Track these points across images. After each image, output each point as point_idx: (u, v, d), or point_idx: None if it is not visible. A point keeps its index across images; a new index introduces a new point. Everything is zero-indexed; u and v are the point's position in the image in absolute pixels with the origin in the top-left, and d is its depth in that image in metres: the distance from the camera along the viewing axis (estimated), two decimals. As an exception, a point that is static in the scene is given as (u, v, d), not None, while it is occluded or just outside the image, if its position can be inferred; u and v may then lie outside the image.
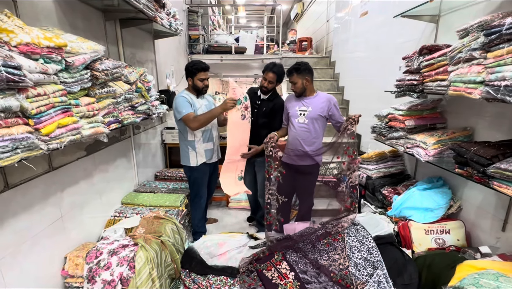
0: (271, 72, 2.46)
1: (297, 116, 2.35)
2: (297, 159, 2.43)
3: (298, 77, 2.27)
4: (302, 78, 2.27)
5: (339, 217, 2.57)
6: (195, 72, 2.38)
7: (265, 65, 2.54)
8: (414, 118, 2.13)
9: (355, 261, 1.96)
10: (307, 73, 2.28)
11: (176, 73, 4.33)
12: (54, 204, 1.77)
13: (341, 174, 3.51)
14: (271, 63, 2.51)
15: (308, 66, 2.30)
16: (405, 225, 2.08)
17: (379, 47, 3.36)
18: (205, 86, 2.44)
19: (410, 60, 2.08)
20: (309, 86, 2.32)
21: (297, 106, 2.36)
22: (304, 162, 2.42)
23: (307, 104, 2.33)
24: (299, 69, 2.26)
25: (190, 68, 2.40)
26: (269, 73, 2.47)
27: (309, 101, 2.33)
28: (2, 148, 1.07)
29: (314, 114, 2.30)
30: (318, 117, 2.31)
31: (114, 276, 1.74)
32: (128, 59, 2.67)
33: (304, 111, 2.33)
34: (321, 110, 2.29)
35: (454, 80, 1.57)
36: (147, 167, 3.24)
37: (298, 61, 2.34)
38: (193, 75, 2.40)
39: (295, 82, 2.29)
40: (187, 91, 2.48)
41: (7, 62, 1.05)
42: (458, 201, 2.06)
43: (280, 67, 2.50)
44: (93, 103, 1.64)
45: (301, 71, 2.26)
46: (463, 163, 1.65)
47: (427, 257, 1.83)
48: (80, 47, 1.51)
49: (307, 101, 2.34)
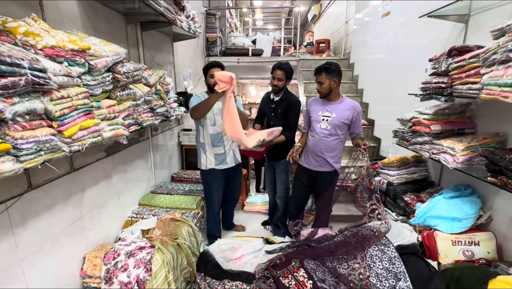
0: (278, 69, 2.50)
1: (320, 121, 2.29)
2: (316, 164, 2.38)
3: (326, 77, 2.19)
4: (330, 79, 2.19)
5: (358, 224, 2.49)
6: (206, 70, 2.42)
7: (273, 66, 2.58)
8: (440, 123, 2.03)
9: (376, 271, 1.88)
10: (336, 75, 2.21)
11: (194, 75, 4.36)
12: (74, 204, 1.80)
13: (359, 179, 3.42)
14: (278, 62, 2.54)
15: (339, 68, 2.22)
16: (430, 235, 1.97)
17: (401, 49, 3.25)
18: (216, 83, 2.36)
19: (437, 62, 1.99)
20: (336, 89, 2.25)
21: (320, 111, 2.30)
22: (322, 168, 2.37)
23: (331, 110, 2.26)
24: (329, 68, 2.17)
25: (203, 68, 2.48)
26: (277, 70, 2.51)
27: (334, 107, 2.26)
28: (26, 150, 1.08)
29: (337, 121, 2.24)
30: (342, 125, 2.24)
31: (131, 278, 1.75)
32: (148, 61, 2.71)
33: (327, 117, 2.27)
34: (345, 117, 2.23)
35: (487, 83, 1.48)
36: (164, 168, 3.27)
37: (329, 61, 2.26)
38: (205, 73, 2.44)
39: (322, 82, 2.21)
40: (204, 92, 2.52)
41: (33, 65, 1.07)
42: (488, 211, 1.94)
43: (287, 64, 2.52)
44: (114, 106, 1.65)
45: (330, 71, 2.18)
46: (496, 171, 1.54)
47: (456, 270, 1.73)
48: (102, 50, 1.53)
49: (331, 107, 2.27)
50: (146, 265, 1.80)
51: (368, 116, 4.24)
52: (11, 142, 1.03)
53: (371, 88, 4.25)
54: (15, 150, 1.06)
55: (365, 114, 4.33)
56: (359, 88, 4.66)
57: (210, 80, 2.38)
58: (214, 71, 2.31)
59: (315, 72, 2.27)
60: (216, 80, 2.03)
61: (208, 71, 2.39)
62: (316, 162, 2.37)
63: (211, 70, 2.36)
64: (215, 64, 2.39)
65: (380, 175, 2.85)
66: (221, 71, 2.27)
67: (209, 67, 2.39)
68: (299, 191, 2.58)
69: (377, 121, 3.95)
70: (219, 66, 2.40)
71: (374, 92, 4.13)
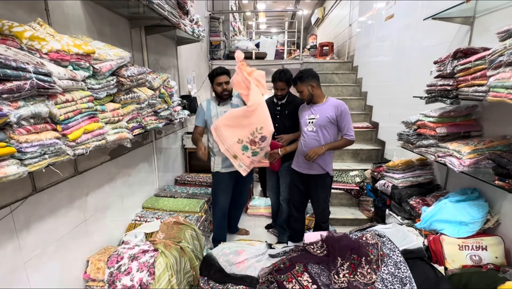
0: (279, 81, 2.54)
1: (307, 124, 2.35)
2: (306, 167, 2.40)
3: (302, 86, 2.28)
4: (306, 85, 2.28)
5: (362, 228, 2.47)
6: (212, 78, 2.39)
7: (272, 75, 2.60)
8: (446, 126, 2.01)
9: (382, 276, 1.85)
10: (311, 79, 2.27)
11: (197, 78, 4.38)
12: (78, 207, 1.80)
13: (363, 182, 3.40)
14: (276, 73, 2.56)
15: (312, 72, 2.30)
16: (436, 239, 1.94)
17: (405, 51, 3.23)
18: (223, 91, 2.37)
19: (442, 65, 1.97)
20: (316, 92, 2.31)
21: (307, 115, 2.36)
22: (313, 170, 2.38)
23: (316, 112, 2.32)
24: (302, 77, 2.28)
25: (209, 76, 2.44)
26: (278, 82, 2.55)
27: (318, 108, 2.32)
28: (31, 153, 1.09)
29: (321, 121, 2.28)
30: (327, 124, 2.28)
31: (134, 282, 1.74)
32: (152, 65, 2.72)
33: (312, 119, 2.32)
34: (329, 116, 2.26)
35: (494, 86, 1.46)
36: (167, 171, 3.28)
37: (301, 69, 2.38)
38: (211, 81, 2.42)
39: (301, 91, 2.31)
40: (212, 99, 2.51)
41: (38, 69, 1.07)
42: (496, 215, 1.91)
43: (286, 73, 2.56)
44: (118, 109, 1.66)
45: (303, 79, 2.27)
46: (504, 174, 1.52)
47: (463, 276, 1.69)
48: (107, 54, 1.54)
49: (315, 109, 2.33)
50: (149, 268, 1.79)
51: (372, 119, 4.22)
52: (16, 146, 1.04)
53: (375, 91, 4.23)
54: (19, 154, 1.06)
55: (369, 117, 4.31)
56: (363, 91, 4.65)
57: (217, 88, 2.38)
58: (221, 80, 2.34)
59: (293, 84, 2.39)
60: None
61: (215, 79, 2.37)
62: (305, 165, 2.40)
63: (218, 78, 2.35)
64: (220, 71, 2.35)
65: (385, 178, 2.82)
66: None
67: (215, 75, 2.36)
68: (297, 197, 2.61)
69: (381, 124, 3.93)
70: (225, 74, 2.37)
71: (378, 95, 4.11)
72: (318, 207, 2.52)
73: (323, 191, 2.46)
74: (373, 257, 1.93)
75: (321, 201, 2.48)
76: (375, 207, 3.09)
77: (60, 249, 1.66)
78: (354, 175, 3.49)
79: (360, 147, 3.89)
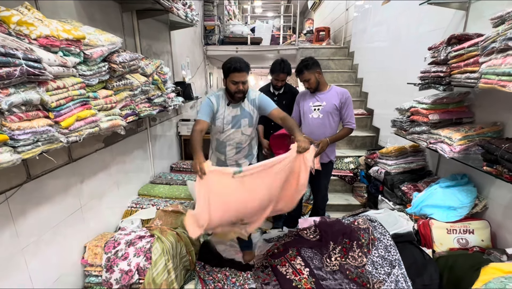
0: (282, 73, 2.51)
1: (311, 111, 2.32)
2: None
3: (309, 73, 2.24)
4: (313, 72, 2.24)
5: (355, 213, 2.53)
6: (227, 73, 1.88)
7: (272, 66, 2.56)
8: (438, 112, 2.03)
9: (372, 259, 1.91)
10: (316, 67, 2.25)
11: (192, 64, 4.32)
12: (74, 194, 1.81)
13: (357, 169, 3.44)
14: (278, 63, 2.52)
15: (315, 60, 2.28)
16: (425, 224, 2.00)
17: (401, 37, 3.21)
18: (238, 91, 1.87)
19: (436, 51, 1.97)
20: (322, 79, 2.30)
21: (311, 102, 2.33)
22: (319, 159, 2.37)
23: (321, 100, 2.29)
24: (308, 65, 2.23)
25: (223, 68, 1.92)
26: (280, 74, 2.52)
27: (323, 96, 2.30)
28: (23, 140, 1.09)
29: (329, 108, 2.27)
30: (333, 111, 2.28)
31: (131, 266, 1.78)
32: (145, 51, 2.67)
33: (318, 106, 2.30)
34: (335, 103, 2.26)
35: (485, 72, 1.47)
36: (163, 158, 3.28)
37: (303, 58, 2.31)
38: (225, 76, 1.91)
39: (308, 79, 2.25)
40: (223, 93, 1.99)
41: (27, 55, 1.06)
42: (484, 200, 1.96)
43: (288, 65, 2.53)
44: (111, 96, 1.64)
45: (310, 66, 2.23)
46: (492, 160, 1.55)
47: (449, 258, 1.76)
48: (98, 39, 1.51)
49: (320, 96, 2.30)
50: (146, 253, 1.83)
51: (367, 106, 4.23)
52: (8, 133, 1.04)
53: (371, 78, 4.22)
54: (12, 141, 1.06)
55: (364, 104, 4.32)
56: (358, 77, 4.63)
57: (230, 86, 1.87)
58: (239, 78, 1.85)
59: (296, 73, 2.31)
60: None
61: (230, 75, 1.86)
62: None
63: (234, 76, 1.85)
64: (239, 67, 1.84)
65: (378, 164, 2.86)
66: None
67: (233, 71, 1.84)
68: None
69: (376, 110, 3.94)
70: (245, 71, 1.87)
71: (374, 81, 4.10)
72: (319, 194, 2.54)
73: (325, 178, 2.49)
74: (364, 241, 1.99)
75: (323, 187, 2.50)
76: (368, 193, 3.15)
77: (57, 235, 1.68)
78: (349, 161, 3.53)
79: (355, 134, 3.89)
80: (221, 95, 1.99)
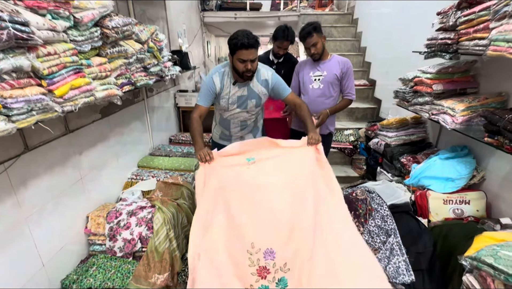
0: (286, 41, 2.41)
1: (312, 82, 2.26)
2: None
3: (318, 37, 2.12)
4: (320, 37, 2.14)
5: (353, 185, 2.55)
6: (233, 50, 1.68)
7: (275, 32, 2.43)
8: (443, 82, 1.98)
9: (369, 229, 1.96)
10: (322, 32, 2.16)
11: (188, 32, 4.14)
12: (73, 166, 1.81)
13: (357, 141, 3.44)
14: (282, 30, 2.40)
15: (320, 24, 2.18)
16: (422, 194, 2.03)
17: (407, 2, 3.05)
18: (247, 71, 1.69)
19: (445, 16, 1.87)
20: (324, 46, 2.21)
21: (311, 72, 2.26)
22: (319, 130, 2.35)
23: (322, 69, 2.23)
24: (317, 27, 2.11)
25: (229, 43, 1.71)
26: (284, 42, 2.42)
27: (324, 66, 2.23)
28: (17, 109, 1.05)
29: (330, 78, 2.21)
30: (334, 82, 2.22)
31: (134, 235, 1.83)
32: (138, 16, 2.54)
33: (319, 76, 2.23)
34: (336, 73, 2.20)
35: (495, 39, 1.40)
36: (161, 130, 3.25)
37: (310, 21, 2.18)
38: (232, 52, 1.71)
39: (315, 43, 2.13)
40: (229, 70, 1.82)
41: (13, 18, 0.99)
42: (482, 171, 1.98)
43: (292, 32, 2.43)
44: (105, 64, 1.58)
45: (318, 29, 2.12)
46: (494, 131, 1.53)
47: (444, 227, 1.80)
48: (88, 2, 1.42)
49: (321, 66, 2.23)
50: (147, 223, 1.87)
51: (370, 76, 4.13)
52: (0, 101, 1.00)
53: (375, 46, 4.08)
54: (5, 110, 1.03)
55: (366, 74, 4.22)
56: (362, 46, 4.48)
57: (238, 65, 1.69)
58: (247, 56, 1.65)
59: (305, 36, 2.13)
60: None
61: (237, 53, 1.66)
62: None
63: (242, 53, 1.65)
64: (247, 44, 1.62)
65: (378, 136, 2.85)
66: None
67: (240, 47, 1.64)
68: None
69: (379, 81, 3.86)
70: (254, 47, 1.67)
71: (378, 50, 3.97)
72: None
73: (325, 150, 2.48)
74: (361, 212, 2.03)
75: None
76: (367, 165, 3.17)
77: (59, 205, 1.70)
78: (349, 134, 3.51)
79: (356, 106, 3.84)
80: (226, 72, 1.80)
